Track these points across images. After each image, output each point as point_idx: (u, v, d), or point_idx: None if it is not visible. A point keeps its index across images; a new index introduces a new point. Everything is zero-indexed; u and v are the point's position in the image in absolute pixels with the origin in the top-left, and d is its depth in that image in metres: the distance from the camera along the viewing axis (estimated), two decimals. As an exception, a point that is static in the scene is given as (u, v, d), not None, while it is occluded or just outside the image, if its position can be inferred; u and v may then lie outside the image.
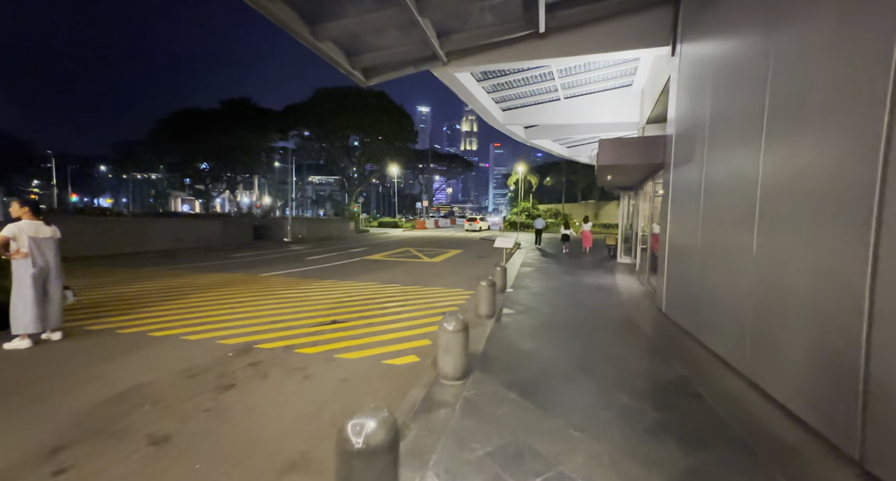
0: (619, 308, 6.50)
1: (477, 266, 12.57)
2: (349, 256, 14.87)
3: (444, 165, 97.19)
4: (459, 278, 9.95)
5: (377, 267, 11.89)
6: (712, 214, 4.20)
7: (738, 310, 3.49)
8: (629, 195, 12.85)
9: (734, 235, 3.62)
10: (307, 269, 10.96)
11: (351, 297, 7.15)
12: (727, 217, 3.82)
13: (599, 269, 11.34)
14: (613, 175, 8.68)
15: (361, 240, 24.34)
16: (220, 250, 15.75)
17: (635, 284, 8.78)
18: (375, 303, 6.79)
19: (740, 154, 3.59)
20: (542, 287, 8.34)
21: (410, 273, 10.66)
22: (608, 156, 7.00)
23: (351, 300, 6.92)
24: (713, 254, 4.13)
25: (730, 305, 3.68)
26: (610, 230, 35.25)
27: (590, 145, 18.24)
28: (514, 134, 13.95)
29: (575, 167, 45.73)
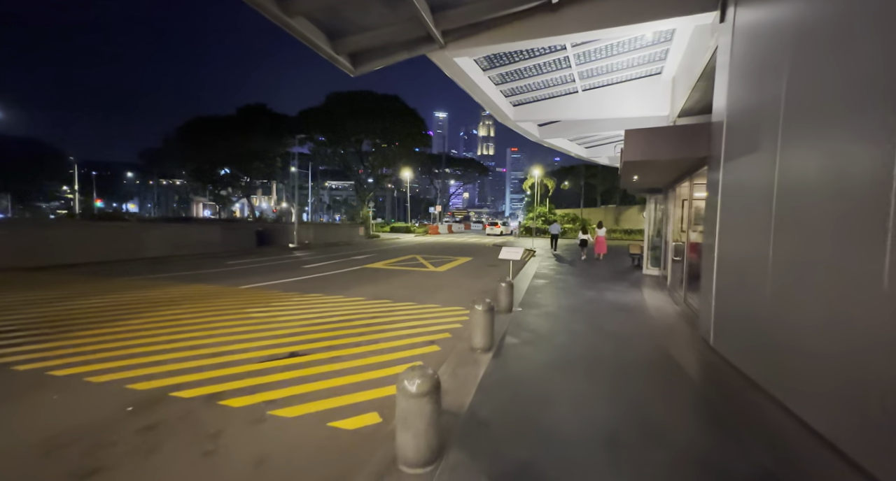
0: (652, 337, 5.22)
1: (485, 276, 11.39)
2: (350, 264, 13.92)
3: (459, 170, 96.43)
4: (463, 292, 8.80)
5: (374, 277, 10.86)
6: (794, 220, 2.95)
7: (859, 366, 2.24)
8: (656, 198, 11.45)
9: (842, 251, 2.38)
10: (297, 280, 10.02)
11: (328, 318, 6.10)
12: (825, 225, 2.58)
13: (623, 282, 9.99)
14: (642, 174, 7.39)
15: (369, 246, 23.49)
16: (218, 257, 15.08)
17: (668, 303, 7.43)
18: (354, 326, 5.72)
19: (849, 143, 2.36)
20: (556, 305, 7.10)
21: (409, 285, 9.58)
22: (636, 150, 5.77)
23: (326, 322, 5.87)
24: (799, 276, 2.88)
25: (839, 356, 2.43)
26: (633, 237, 33.41)
27: (610, 145, 16.85)
28: (527, 132, 12.77)
29: (594, 170, 43.96)
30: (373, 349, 4.70)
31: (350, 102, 38.46)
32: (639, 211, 38.32)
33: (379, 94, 40.21)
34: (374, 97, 39.67)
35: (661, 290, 8.73)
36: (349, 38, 6.59)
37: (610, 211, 40.30)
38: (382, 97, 39.95)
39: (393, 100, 40.04)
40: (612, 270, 12.46)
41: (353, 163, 44.62)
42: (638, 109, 9.80)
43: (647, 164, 6.25)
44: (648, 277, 10.81)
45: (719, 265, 4.52)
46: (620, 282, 9.96)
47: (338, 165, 46.38)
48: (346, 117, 37.49)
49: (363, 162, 43.95)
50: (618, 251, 20.62)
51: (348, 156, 43.53)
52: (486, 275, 11.85)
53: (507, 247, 7.07)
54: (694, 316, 5.90)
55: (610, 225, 37.79)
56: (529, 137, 13.36)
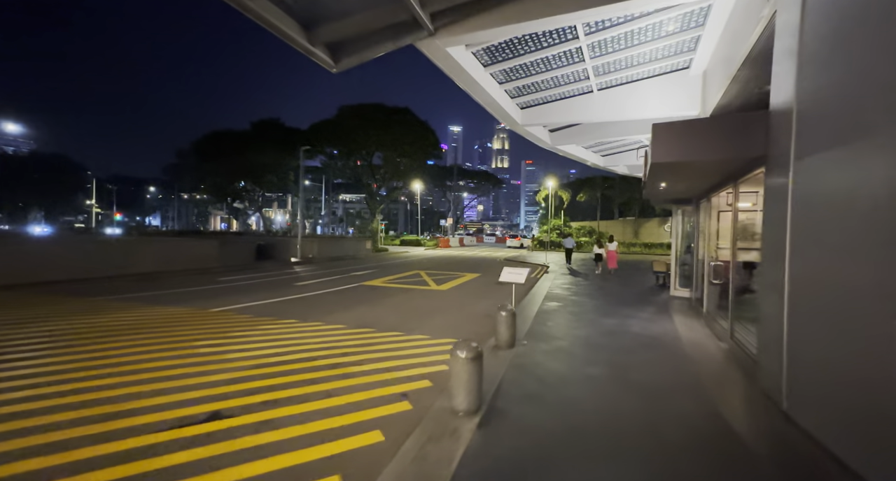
0: (696, 392, 3.97)
1: (491, 296, 10.21)
2: (347, 281, 12.95)
3: (472, 182, 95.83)
4: (462, 317, 7.66)
5: (368, 297, 9.83)
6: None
7: None
8: (684, 211, 10.16)
9: None
10: (280, 300, 9.07)
11: (288, 356, 5.05)
12: None
13: (649, 306, 8.67)
14: (672, 180, 6.20)
15: (375, 260, 22.59)
16: (212, 273, 14.36)
17: (707, 337, 6.11)
18: (315, 367, 4.65)
19: None
20: (569, 337, 5.89)
21: (403, 308, 8.50)
22: (667, 149, 4.63)
23: (283, 361, 4.82)
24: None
25: None
26: (653, 251, 31.63)
27: (629, 152, 15.62)
28: (538, 139, 11.71)
29: (611, 181, 42.43)
30: (322, 407, 3.60)
31: (360, 114, 38.31)
32: (659, 224, 36.49)
33: (389, 107, 40.02)
34: (385, 109, 39.47)
35: (695, 318, 7.39)
36: (325, 26, 5.74)
37: (628, 223, 38.52)
38: (393, 109, 39.72)
39: (403, 112, 39.75)
40: (635, 290, 11.10)
41: (364, 175, 44.35)
42: (662, 109, 8.64)
43: (681, 167, 5.08)
44: (677, 300, 9.44)
45: (793, 297, 3.30)
46: (645, 306, 8.64)
47: (349, 178, 46.20)
48: (357, 129, 37.28)
49: (374, 174, 43.60)
50: (638, 267, 19.10)
51: (359, 169, 43.27)
52: (493, 294, 10.67)
53: (511, 268, 5.93)
54: (748, 360, 4.61)
55: (629, 238, 36.05)
56: (540, 144, 12.30)
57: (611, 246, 15.13)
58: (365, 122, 37.58)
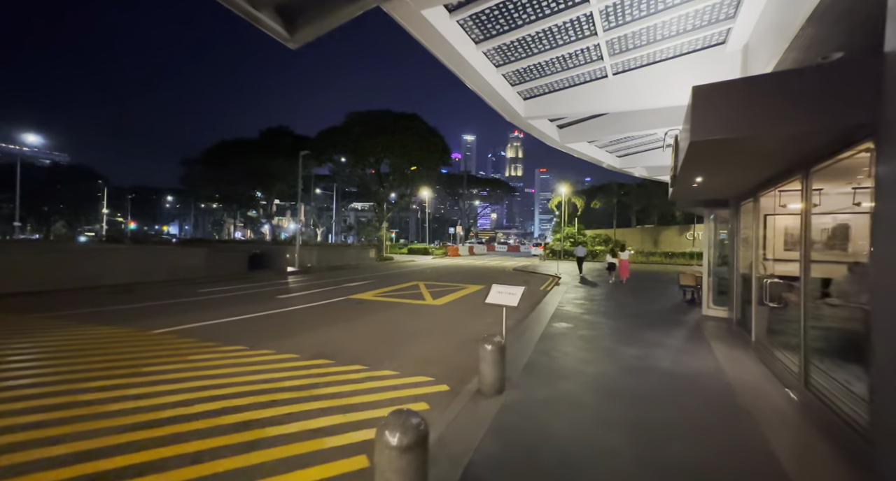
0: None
1: (491, 313, 8.85)
2: (336, 293, 11.77)
3: (484, 190, 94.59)
4: (449, 342, 6.33)
5: (348, 315, 8.60)
6: None
7: None
8: (717, 215, 8.65)
9: None
10: (245, 318, 7.90)
11: (193, 406, 3.80)
12: None
13: (678, 329, 7.16)
14: (713, 170, 4.78)
15: (376, 269, 21.43)
16: (195, 283, 13.40)
17: (764, 378, 4.63)
18: (216, 428, 3.39)
19: None
20: (578, 378, 4.50)
21: (382, 329, 7.22)
22: (715, 120, 3.26)
23: (177, 418, 3.57)
24: None
25: None
26: (674, 261, 29.64)
27: (648, 153, 14.13)
28: (544, 135, 10.39)
29: (627, 187, 40.58)
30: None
31: (367, 121, 37.72)
32: (680, 231, 34.42)
33: (397, 113, 39.35)
34: (393, 116, 38.81)
35: (742, 348, 5.87)
36: (268, -17, 4.62)
37: (647, 232, 36.51)
38: (400, 115, 39.03)
39: (412, 118, 39.01)
40: (659, 307, 9.55)
41: (372, 183, 43.64)
42: (686, 94, 7.23)
43: (733, 148, 3.70)
44: (712, 321, 7.89)
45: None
46: (674, 329, 7.14)
47: (357, 186, 45.55)
48: (364, 136, 36.64)
49: (382, 182, 42.83)
50: (659, 278, 17.38)
51: (366, 177, 42.59)
52: (493, 310, 9.31)
53: (501, 286, 4.59)
54: (845, 426, 3.14)
55: (647, 247, 34.08)
56: (548, 142, 10.97)
57: (623, 255, 14.60)
58: (372, 129, 36.94)
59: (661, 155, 13.76)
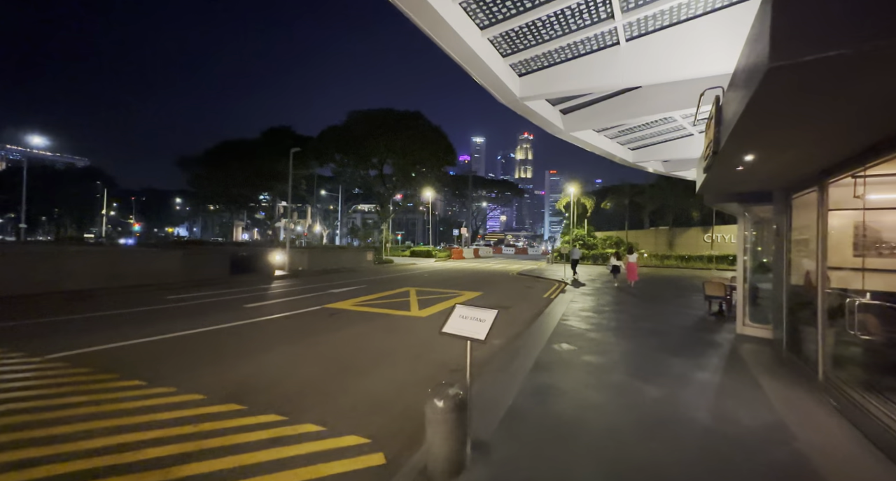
0: None
1: (478, 331, 7.49)
2: (314, 301, 10.52)
3: (492, 192, 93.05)
4: (417, 373, 4.99)
5: (311, 330, 7.33)
6: None
7: None
8: (753, 213, 7.16)
9: None
10: (189, 334, 6.68)
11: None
12: None
13: (709, 353, 5.71)
14: (778, 138, 3.35)
15: (371, 273, 20.20)
16: (167, 289, 12.31)
17: (859, 446, 3.18)
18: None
19: None
20: (580, 440, 3.12)
21: (342, 351, 5.92)
22: (826, 20, 1.89)
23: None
24: None
25: None
26: (690, 264, 27.82)
27: (665, 145, 12.60)
28: (546, 121, 9.00)
29: (641, 187, 38.72)
30: None
31: (369, 120, 36.66)
32: (699, 233, 32.48)
33: (399, 111, 38.22)
34: (394, 114, 37.69)
35: (802, 387, 4.40)
36: None
37: (661, 233, 34.61)
38: (403, 114, 37.89)
39: (415, 117, 37.82)
40: (681, 322, 8.06)
41: (375, 184, 42.55)
42: (725, 60, 5.80)
43: (849, 80, 2.29)
44: (751, 343, 6.40)
45: None
46: (704, 354, 5.68)
47: (359, 186, 44.62)
48: (365, 135, 35.57)
49: (385, 183, 41.72)
50: (677, 284, 15.74)
51: (369, 178, 41.53)
52: (483, 326, 7.96)
53: (467, 309, 3.22)
54: None
55: (662, 250, 32.22)
56: (550, 130, 9.58)
57: (631, 257, 14.32)
58: (373, 128, 35.86)
59: (681, 146, 12.22)
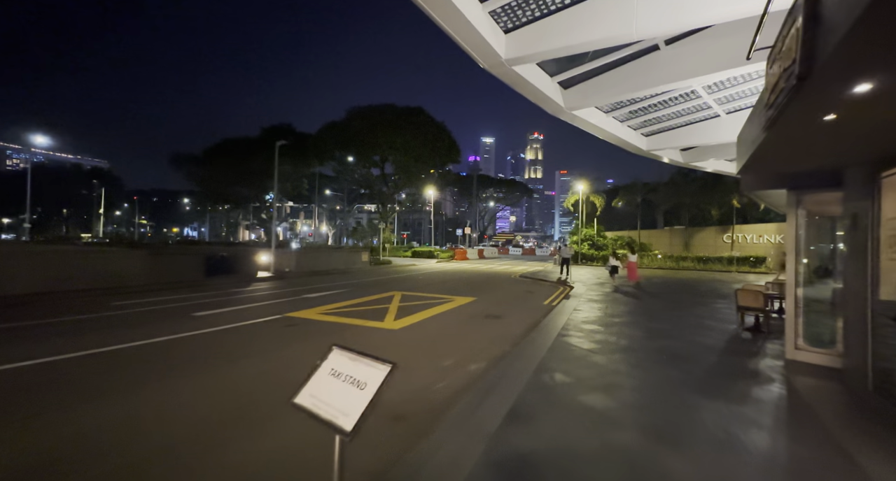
0: None
1: (460, 347, 6.00)
2: (276, 310, 9.16)
3: (500, 191, 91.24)
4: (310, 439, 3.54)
5: (239, 351, 5.95)
6: None
7: None
8: (807, 201, 5.53)
9: None
10: (79, 356, 5.36)
11: None
12: None
13: (755, 392, 4.14)
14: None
15: (363, 275, 18.84)
16: (124, 293, 11.12)
17: None
18: None
19: None
20: None
21: (249, 388, 4.52)
22: None
23: None
24: None
25: None
26: (708, 266, 25.88)
27: (685, 130, 10.92)
28: (542, 96, 7.47)
29: (653, 185, 36.71)
30: None
31: (369, 116, 35.39)
32: (718, 233, 30.41)
33: (400, 107, 36.88)
34: (395, 109, 36.37)
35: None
36: None
37: (676, 233, 32.56)
38: (404, 109, 36.55)
39: (416, 112, 36.45)
40: (709, 340, 6.44)
41: (377, 183, 41.32)
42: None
43: None
44: (811, 375, 4.79)
45: None
46: (748, 395, 4.11)
47: (360, 185, 43.47)
48: (365, 131, 34.32)
49: (386, 181, 40.44)
50: (695, 290, 13.95)
51: (370, 176, 40.30)
52: (465, 341, 6.47)
53: (345, 357, 1.76)
54: None
55: (677, 251, 30.25)
56: (547, 107, 8.06)
57: (632, 257, 14.50)
58: (374, 124, 34.58)
59: (703, 130, 10.54)
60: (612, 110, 9.32)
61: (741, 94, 8.78)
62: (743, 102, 9.27)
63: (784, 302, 9.17)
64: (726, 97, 8.89)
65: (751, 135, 3.87)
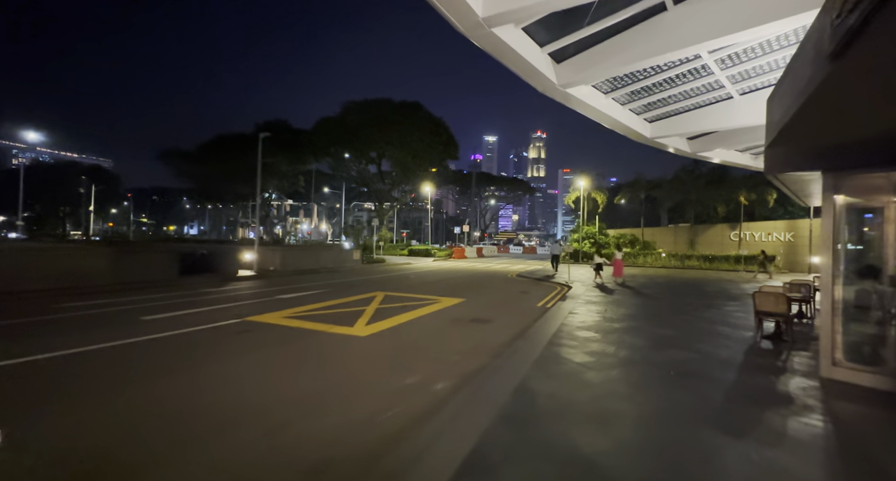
0: None
1: (430, 359, 5.07)
2: (236, 313, 8.26)
3: (502, 189, 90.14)
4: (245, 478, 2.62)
5: (173, 364, 5.07)
6: None
7: None
8: (848, 185, 4.56)
9: None
10: (-27, 370, 4.48)
11: None
12: None
13: (793, 428, 3.18)
14: None
15: (351, 274, 17.95)
16: (82, 294, 10.27)
17: None
18: None
19: None
20: None
21: (143, 424, 3.61)
22: None
23: None
24: None
25: None
26: (715, 265, 24.83)
27: (695, 113, 9.92)
28: (530, 68, 6.51)
29: (657, 181, 35.61)
30: None
31: (365, 110, 34.45)
32: (726, 230, 29.32)
33: (397, 102, 35.89)
34: (392, 105, 35.40)
35: None
36: None
37: (681, 231, 31.47)
38: (401, 104, 35.57)
39: (413, 107, 35.47)
40: (723, 353, 5.46)
41: (374, 180, 40.42)
42: None
43: None
44: (855, 399, 3.82)
45: None
46: (783, 433, 3.15)
47: (357, 182, 42.60)
48: (360, 127, 33.38)
49: (383, 178, 39.52)
50: (701, 290, 12.92)
51: (367, 173, 39.43)
52: (443, 349, 5.53)
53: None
54: None
55: (682, 249, 29.19)
56: (537, 85, 7.10)
57: (618, 255, 15.38)
58: (369, 119, 33.64)
59: (713, 114, 9.54)
60: (612, 90, 8.33)
61: (758, 69, 7.77)
62: (760, 80, 8.26)
63: (806, 305, 8.20)
64: (741, 74, 7.88)
65: (796, 85, 2.91)
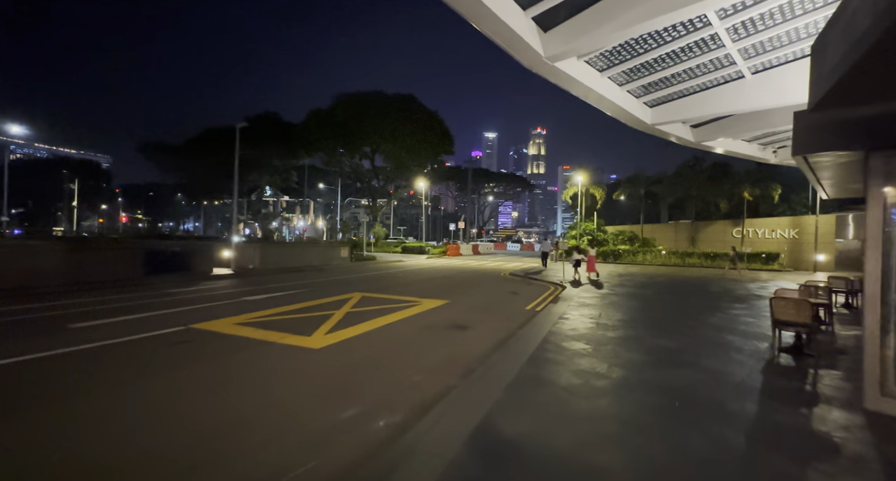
0: None
1: (385, 380, 4.14)
2: (185, 318, 7.34)
3: (500, 186, 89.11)
4: None
5: (86, 385, 4.14)
6: None
7: None
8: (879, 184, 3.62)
9: None
10: None
11: None
12: None
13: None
14: None
15: (336, 272, 17.04)
16: (22, 295, 9.36)
17: None
18: None
19: None
20: None
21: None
22: None
23: None
24: None
25: None
26: (717, 263, 23.93)
27: (700, 96, 8.94)
28: (511, 34, 5.55)
29: (657, 177, 34.62)
30: None
31: (357, 103, 33.34)
32: (728, 227, 28.40)
33: (390, 94, 34.77)
34: (385, 97, 34.28)
35: None
36: None
37: (682, 228, 30.54)
38: (394, 96, 34.45)
39: (406, 99, 34.36)
40: (736, 371, 4.54)
41: (367, 175, 39.43)
42: None
43: None
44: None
45: None
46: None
47: (349, 177, 41.59)
48: (352, 120, 32.32)
49: (377, 173, 38.52)
50: (704, 290, 11.99)
51: (360, 169, 38.40)
52: (405, 366, 4.61)
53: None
54: None
55: (683, 247, 28.29)
56: (522, 60, 6.17)
57: (591, 252, 15.85)
58: (361, 112, 32.57)
59: (721, 97, 8.57)
60: (608, 68, 7.36)
61: (777, 41, 6.79)
62: (777, 55, 7.28)
63: (825, 310, 7.27)
64: (755, 47, 6.92)
65: (854, 29, 1.97)
